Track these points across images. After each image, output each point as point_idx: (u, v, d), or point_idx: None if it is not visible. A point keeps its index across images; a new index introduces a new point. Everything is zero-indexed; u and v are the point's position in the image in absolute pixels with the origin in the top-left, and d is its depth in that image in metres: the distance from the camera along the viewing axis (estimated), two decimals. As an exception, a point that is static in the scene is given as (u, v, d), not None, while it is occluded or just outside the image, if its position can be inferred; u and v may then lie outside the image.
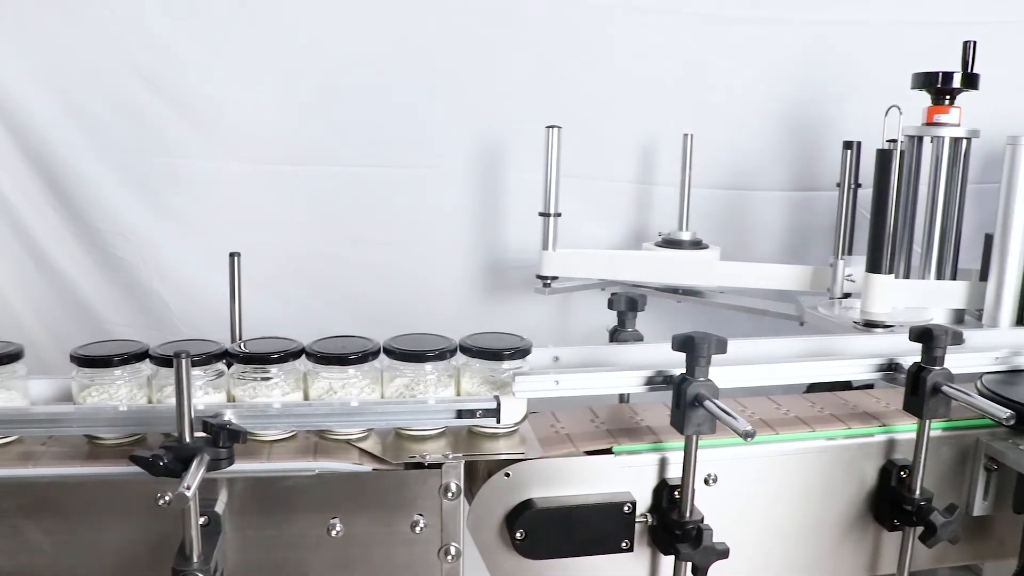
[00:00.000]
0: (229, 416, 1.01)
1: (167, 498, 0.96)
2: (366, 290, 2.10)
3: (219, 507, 1.03)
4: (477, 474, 1.11)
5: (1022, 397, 1.16)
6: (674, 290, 1.98)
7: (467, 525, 1.07)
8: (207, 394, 1.09)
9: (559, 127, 1.85)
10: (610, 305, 1.26)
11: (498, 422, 1.06)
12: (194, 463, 0.89)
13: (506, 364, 1.11)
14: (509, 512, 1.07)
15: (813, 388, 1.40)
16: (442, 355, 1.11)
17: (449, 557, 1.06)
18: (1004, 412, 1.04)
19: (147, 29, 1.95)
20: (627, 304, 1.23)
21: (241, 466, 1.00)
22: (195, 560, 0.93)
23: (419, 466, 1.05)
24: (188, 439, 0.92)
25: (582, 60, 2.09)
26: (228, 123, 2.01)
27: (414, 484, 1.05)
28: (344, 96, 2.01)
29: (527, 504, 1.06)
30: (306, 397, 1.12)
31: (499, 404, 1.05)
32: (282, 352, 1.09)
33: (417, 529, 1.05)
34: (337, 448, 1.08)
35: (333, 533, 1.04)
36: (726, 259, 1.97)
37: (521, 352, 1.12)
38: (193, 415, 0.92)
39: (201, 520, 0.95)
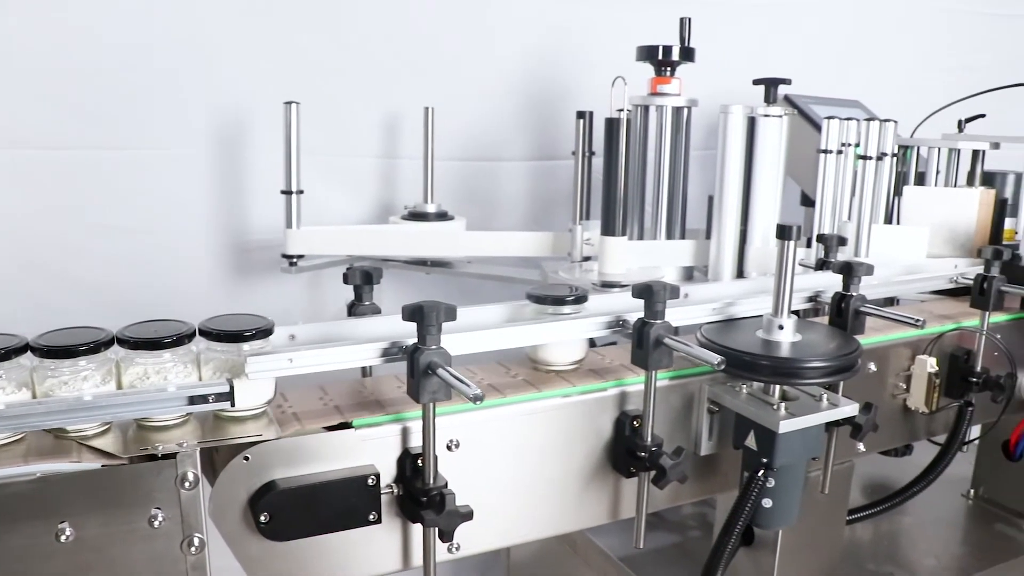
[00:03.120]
0: (-71, 423, 0.93)
1: None
2: (107, 279, 1.96)
3: (-75, 526, 0.94)
4: (220, 461, 1.07)
5: (735, 343, 1.26)
6: (423, 262, 2.00)
7: (209, 514, 1.04)
8: (13, 393, 1.01)
9: (297, 103, 1.81)
10: (345, 280, 1.24)
11: (232, 405, 1.03)
12: None
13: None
14: (251, 496, 1.04)
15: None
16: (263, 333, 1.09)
17: (193, 549, 1.02)
18: (715, 358, 1.13)
19: None
20: (362, 278, 1.22)
21: (-54, 477, 0.92)
22: None
23: (152, 457, 1.00)
24: None
25: (322, 34, 2.04)
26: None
27: (148, 477, 1.00)
28: (71, 76, 1.85)
29: (269, 486, 1.04)
30: (119, 387, 1.05)
31: (232, 387, 1.02)
32: (92, 342, 1.02)
33: (156, 523, 1.00)
34: (61, 447, 1.01)
35: (63, 539, 0.96)
36: (472, 229, 2.01)
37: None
38: None
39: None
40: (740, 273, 1.83)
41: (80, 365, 1.03)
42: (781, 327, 1.28)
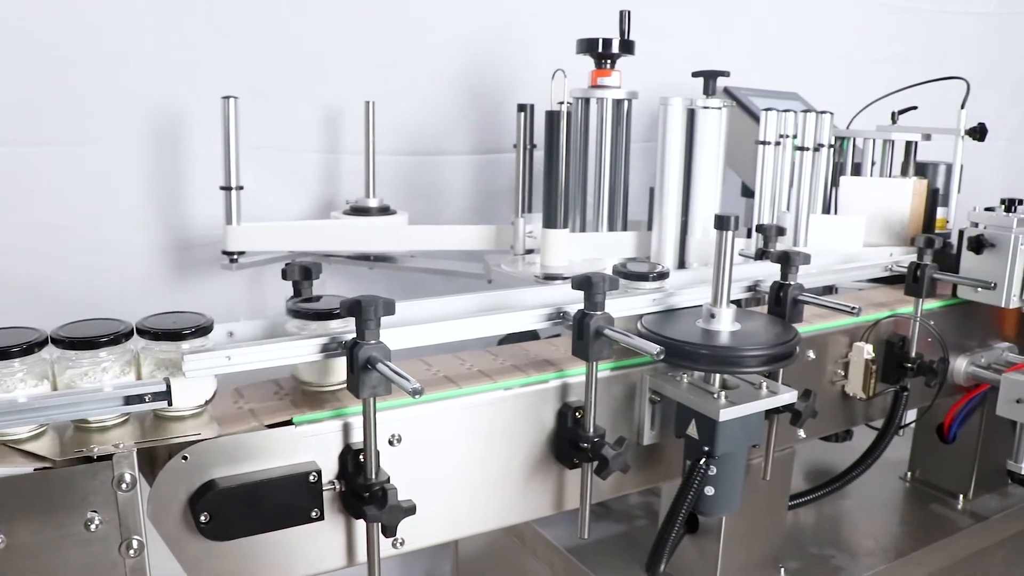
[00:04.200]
0: None
1: None
2: (38, 279, 1.92)
3: None
4: (158, 461, 1.05)
5: (675, 333, 1.27)
6: (366, 257, 1.99)
7: (148, 516, 1.02)
8: (36, 386, 1.00)
9: (236, 97, 1.79)
10: (284, 275, 1.23)
11: (169, 404, 1.01)
12: None
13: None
14: (191, 496, 1.02)
15: (505, 340, 1.46)
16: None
17: (132, 552, 1.00)
18: (655, 348, 1.13)
19: None
20: (301, 273, 1.21)
21: None
22: None
23: (88, 460, 0.98)
24: None
25: (260, 28, 2.02)
26: None
27: (83, 480, 0.97)
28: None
29: (209, 485, 1.02)
30: (139, 377, 1.06)
31: (169, 386, 1.01)
32: (112, 334, 1.02)
33: (92, 527, 0.98)
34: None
35: (-7, 547, 0.94)
36: (415, 224, 2.00)
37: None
38: None
39: None
40: (681, 264, 1.85)
41: (101, 356, 1.02)
42: (717, 316, 1.29)
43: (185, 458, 1.02)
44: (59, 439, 1.02)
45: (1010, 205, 1.66)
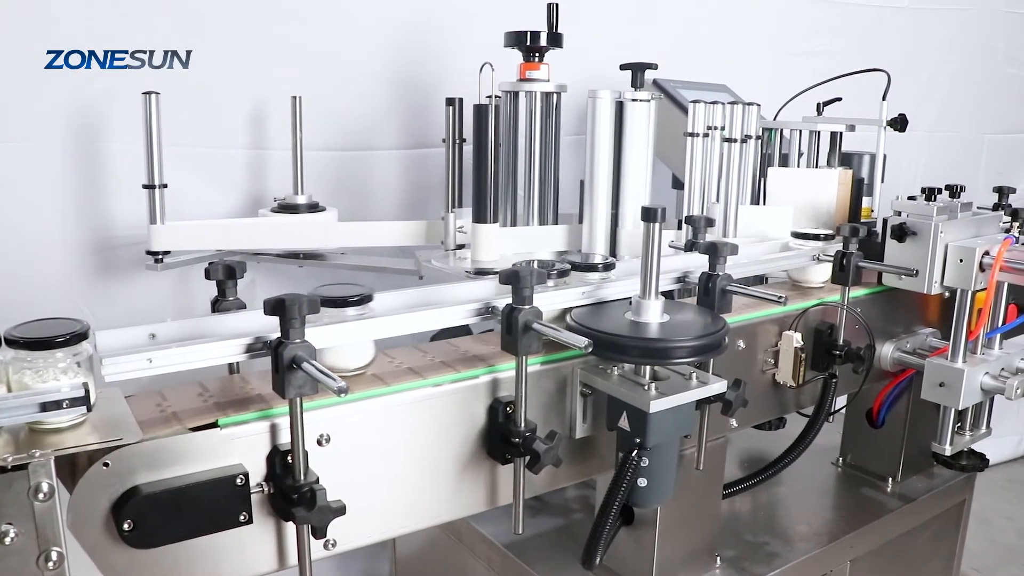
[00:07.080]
0: None
1: None
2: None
3: None
4: (78, 469, 1.02)
5: (604, 326, 1.27)
6: (295, 255, 1.96)
7: (68, 526, 0.98)
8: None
9: (157, 93, 1.74)
10: (207, 275, 1.20)
11: (88, 410, 0.98)
12: None
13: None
14: (114, 503, 0.99)
15: (437, 336, 1.45)
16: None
17: (51, 564, 0.97)
18: (582, 341, 1.13)
19: None
20: (225, 272, 1.18)
21: None
22: None
23: (2, 470, 0.94)
24: None
25: (182, 24, 1.97)
26: None
27: (-3, 491, 0.95)
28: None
29: (132, 492, 0.99)
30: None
31: (88, 391, 0.98)
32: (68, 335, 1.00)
33: (7, 540, 0.94)
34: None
35: None
36: (346, 220, 1.97)
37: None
38: None
39: None
40: (613, 256, 1.85)
41: (57, 357, 0.99)
42: (646, 308, 1.29)
43: (106, 464, 0.99)
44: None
45: (931, 194, 1.70)
